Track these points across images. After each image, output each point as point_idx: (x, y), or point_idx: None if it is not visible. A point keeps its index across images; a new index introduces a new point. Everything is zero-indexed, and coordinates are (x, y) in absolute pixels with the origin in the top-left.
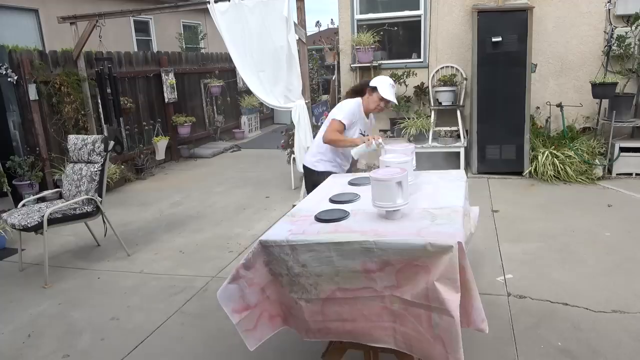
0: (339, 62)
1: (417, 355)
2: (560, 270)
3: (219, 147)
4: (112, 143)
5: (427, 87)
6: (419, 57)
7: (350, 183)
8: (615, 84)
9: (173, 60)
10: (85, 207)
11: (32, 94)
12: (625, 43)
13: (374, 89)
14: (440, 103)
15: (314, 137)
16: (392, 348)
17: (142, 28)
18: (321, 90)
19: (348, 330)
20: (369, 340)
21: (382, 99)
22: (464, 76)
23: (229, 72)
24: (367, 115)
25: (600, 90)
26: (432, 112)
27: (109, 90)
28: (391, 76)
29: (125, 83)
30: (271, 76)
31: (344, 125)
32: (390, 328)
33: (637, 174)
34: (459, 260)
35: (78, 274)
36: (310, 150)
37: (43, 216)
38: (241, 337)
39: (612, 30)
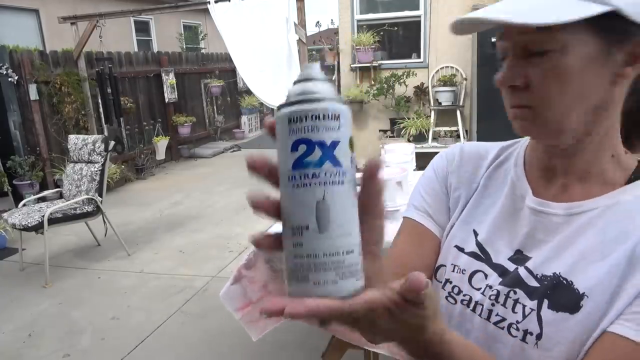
0: (339, 62)
1: None
2: None
3: (219, 147)
4: (112, 143)
5: (427, 87)
6: (418, 57)
7: None
8: None
9: (173, 60)
10: (86, 207)
11: (33, 94)
12: None
13: None
14: (440, 103)
15: None
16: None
17: (142, 28)
18: None
19: (345, 329)
20: (362, 343)
21: None
22: (464, 76)
23: (229, 72)
24: None
25: None
26: (432, 112)
27: (109, 90)
28: (391, 76)
29: (126, 83)
30: (271, 76)
31: None
32: None
33: None
34: None
35: (78, 274)
36: None
37: (43, 216)
38: (245, 329)
39: None
